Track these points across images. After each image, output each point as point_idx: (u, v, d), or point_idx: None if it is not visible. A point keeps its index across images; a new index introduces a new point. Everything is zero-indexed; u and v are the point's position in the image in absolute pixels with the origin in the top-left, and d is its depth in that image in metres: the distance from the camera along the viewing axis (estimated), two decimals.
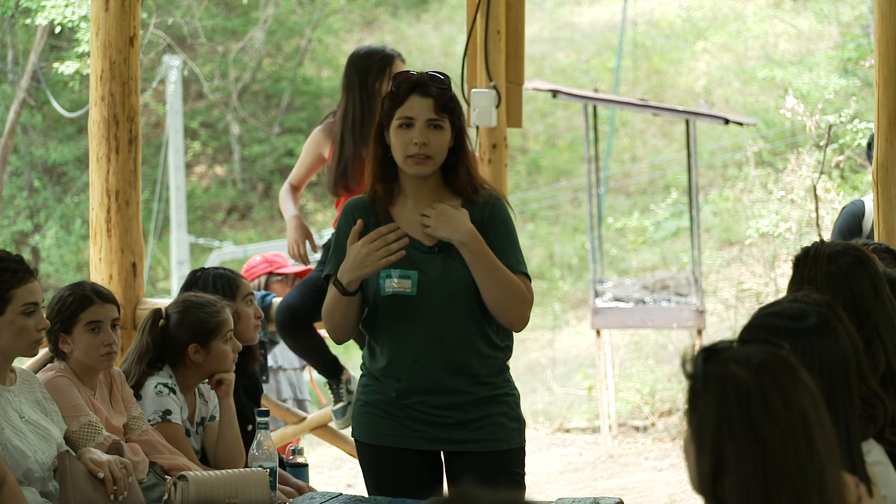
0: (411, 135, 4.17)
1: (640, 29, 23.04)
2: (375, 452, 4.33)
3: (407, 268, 4.19)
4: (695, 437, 2.36)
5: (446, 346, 4.20)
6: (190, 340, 4.58)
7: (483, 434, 4.25)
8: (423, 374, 4.22)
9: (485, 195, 4.28)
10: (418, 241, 4.22)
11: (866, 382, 2.98)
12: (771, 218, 12.50)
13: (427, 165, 4.19)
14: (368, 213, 4.26)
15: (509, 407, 4.31)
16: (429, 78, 4.22)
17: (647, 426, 12.95)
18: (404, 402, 4.25)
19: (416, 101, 4.18)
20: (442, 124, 4.19)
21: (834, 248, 3.55)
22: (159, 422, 4.52)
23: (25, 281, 4.14)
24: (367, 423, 4.32)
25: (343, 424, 6.29)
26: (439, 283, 4.20)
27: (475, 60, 6.05)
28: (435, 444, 4.27)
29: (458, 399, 4.23)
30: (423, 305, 4.19)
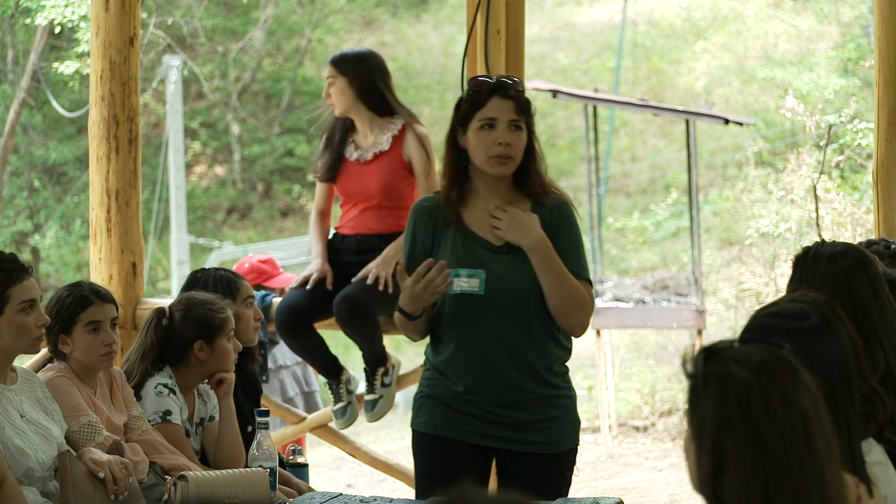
0: (494, 135, 4.27)
1: (640, 29, 23.03)
2: (431, 442, 4.38)
3: (475, 267, 4.29)
4: (695, 437, 2.37)
5: (511, 344, 4.28)
6: (196, 337, 4.58)
7: (541, 436, 4.33)
8: (488, 372, 4.30)
9: (554, 198, 4.37)
10: (487, 241, 4.32)
11: (866, 380, 2.98)
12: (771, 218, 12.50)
13: (509, 166, 4.29)
14: (438, 215, 4.37)
15: (567, 409, 4.40)
16: (508, 81, 4.33)
17: (647, 426, 12.95)
18: (469, 398, 4.31)
19: (497, 103, 4.29)
20: (521, 125, 4.30)
21: (833, 249, 3.55)
22: (159, 422, 4.52)
23: (21, 279, 4.15)
24: (428, 413, 4.40)
25: (343, 424, 6.29)
26: (507, 282, 4.29)
27: (475, 60, 6.05)
28: (492, 441, 4.33)
29: (521, 398, 4.30)
30: (490, 304, 4.28)
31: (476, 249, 4.30)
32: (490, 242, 4.32)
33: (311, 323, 5.97)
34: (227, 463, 4.62)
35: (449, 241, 4.34)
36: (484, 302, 4.28)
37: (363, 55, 6.02)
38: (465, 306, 4.29)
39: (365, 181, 5.92)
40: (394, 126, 5.93)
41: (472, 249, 4.31)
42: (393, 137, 5.92)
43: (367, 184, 5.91)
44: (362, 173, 5.94)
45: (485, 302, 4.28)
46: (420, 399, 4.44)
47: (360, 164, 5.94)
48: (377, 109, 5.93)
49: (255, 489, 4.16)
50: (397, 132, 5.92)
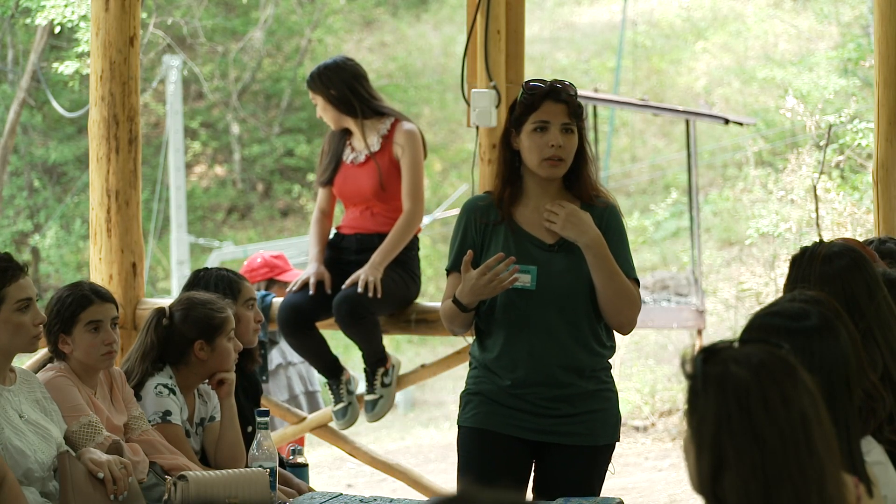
0: (547, 138, 4.38)
1: (640, 29, 23.04)
2: (478, 436, 4.44)
3: (527, 263, 4.37)
4: (695, 437, 2.36)
5: (560, 340, 4.37)
6: (196, 337, 4.58)
7: (583, 428, 4.43)
8: (537, 367, 4.38)
9: (602, 201, 4.47)
10: (539, 239, 4.42)
11: (867, 376, 2.98)
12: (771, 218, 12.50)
13: (560, 168, 4.40)
14: (490, 213, 4.46)
15: (611, 404, 4.51)
16: (561, 85, 4.42)
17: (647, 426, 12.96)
18: (516, 392, 4.39)
19: (550, 107, 4.39)
20: (573, 129, 4.40)
21: (830, 250, 3.55)
22: (159, 422, 4.51)
23: (16, 278, 4.14)
24: (475, 409, 4.46)
25: (344, 425, 6.29)
26: (558, 279, 4.38)
27: (475, 60, 6.05)
28: (536, 435, 4.41)
29: (567, 392, 4.39)
30: (540, 300, 4.37)
31: (528, 246, 4.40)
32: (542, 240, 4.42)
33: (313, 322, 5.97)
34: (228, 463, 4.62)
35: (500, 239, 4.43)
36: (535, 297, 4.37)
37: (332, 67, 6.08)
38: (515, 300, 4.38)
39: (359, 182, 5.98)
40: (383, 126, 5.98)
41: (524, 246, 4.41)
42: (383, 137, 5.97)
43: (361, 185, 5.97)
44: (356, 175, 6.00)
45: (536, 297, 4.37)
46: (467, 396, 4.51)
47: (354, 167, 5.99)
48: (363, 114, 5.98)
49: (255, 489, 4.17)
50: (387, 132, 5.97)
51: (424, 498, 6.27)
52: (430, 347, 18.98)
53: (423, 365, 6.66)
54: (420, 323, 6.16)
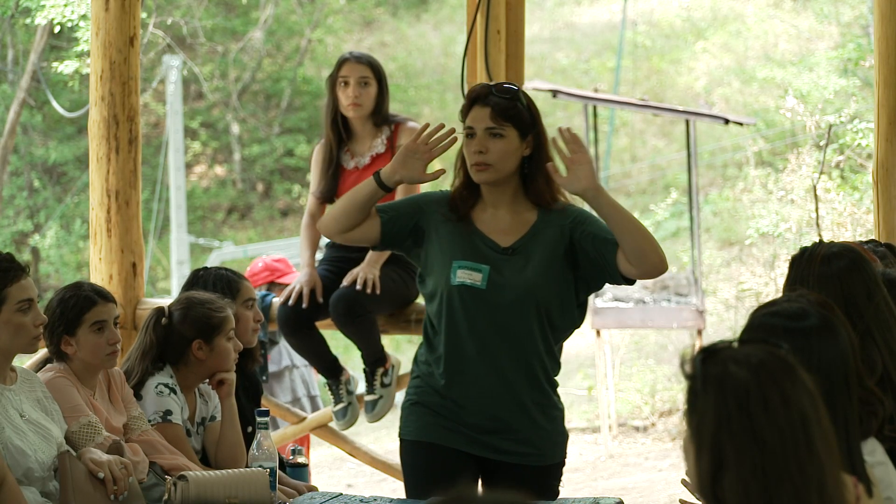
0: (472, 144, 4.31)
1: (640, 29, 23.03)
2: (422, 449, 4.37)
3: (479, 262, 4.29)
4: (694, 438, 2.36)
5: (509, 341, 4.28)
6: (194, 337, 4.58)
7: (531, 447, 4.34)
8: (485, 367, 4.29)
9: (563, 204, 4.37)
10: (494, 241, 4.33)
11: (862, 383, 2.98)
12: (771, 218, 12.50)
13: (488, 173, 4.31)
14: (446, 209, 4.39)
15: (558, 422, 4.41)
16: (490, 88, 4.35)
17: (647, 426, 12.96)
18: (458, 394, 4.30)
19: (475, 112, 4.33)
20: (502, 132, 4.30)
21: (829, 250, 3.54)
22: (160, 422, 4.51)
23: (18, 278, 4.14)
24: (416, 421, 4.39)
25: (344, 425, 6.29)
26: (509, 282, 4.29)
27: (475, 60, 6.05)
28: (480, 450, 4.32)
29: (513, 398, 4.29)
30: (490, 300, 4.28)
31: (481, 247, 4.32)
32: (496, 243, 4.33)
33: (313, 321, 5.97)
34: (229, 463, 4.63)
35: (455, 234, 4.35)
36: (484, 296, 4.28)
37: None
38: (465, 297, 4.29)
39: None
40: (387, 129, 5.96)
41: (477, 246, 4.33)
42: (387, 139, 5.95)
43: None
44: (361, 178, 5.95)
45: (485, 297, 4.27)
46: (409, 407, 4.42)
47: (359, 170, 5.96)
48: (381, 119, 5.95)
49: (255, 489, 4.16)
50: (391, 134, 5.95)
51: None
52: None
53: None
54: (420, 323, 6.15)
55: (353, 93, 5.89)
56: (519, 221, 4.35)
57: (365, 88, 5.90)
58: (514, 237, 4.34)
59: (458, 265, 4.30)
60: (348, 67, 5.93)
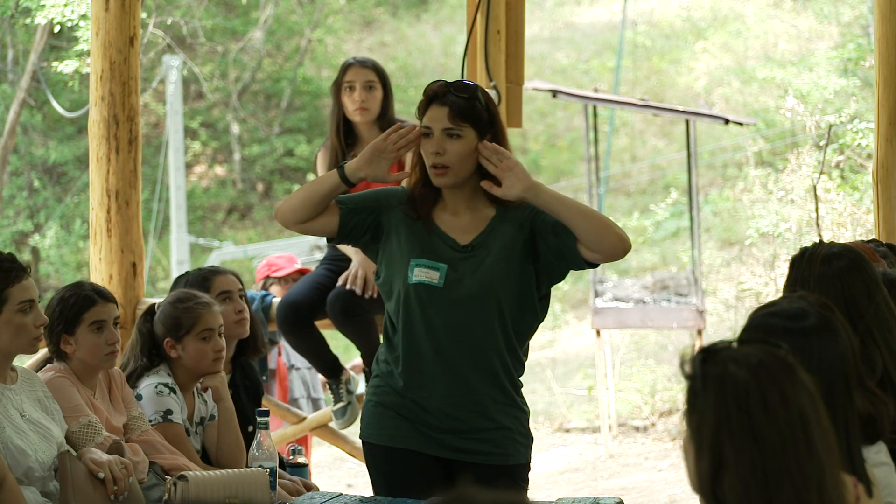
0: (428, 145, 4.21)
1: (640, 29, 23.03)
2: (384, 453, 4.31)
3: (437, 261, 4.23)
4: (694, 438, 2.36)
5: (468, 340, 4.21)
6: (164, 335, 4.62)
7: (493, 447, 4.26)
8: (443, 366, 4.23)
9: (518, 203, 4.26)
10: (453, 239, 4.25)
11: (868, 387, 2.99)
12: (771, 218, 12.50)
13: (447, 176, 4.21)
14: (405, 206, 4.30)
15: (521, 423, 4.32)
16: (447, 87, 4.23)
17: (647, 426, 12.96)
18: (416, 396, 4.25)
19: (433, 111, 4.22)
20: (460, 133, 4.19)
21: (830, 250, 3.54)
22: (161, 422, 4.52)
23: (19, 279, 4.15)
24: (378, 423, 4.32)
25: (343, 424, 6.29)
26: (467, 279, 4.22)
27: (475, 60, 6.05)
28: (443, 451, 4.26)
29: (472, 398, 4.24)
30: (448, 299, 4.21)
31: (439, 245, 4.25)
32: (455, 241, 4.25)
33: (312, 320, 5.97)
34: (229, 463, 4.63)
35: (413, 231, 4.27)
36: (442, 294, 4.21)
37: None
38: (422, 295, 4.21)
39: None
40: None
41: (436, 244, 4.25)
42: None
43: None
44: (368, 185, 5.94)
45: (442, 295, 4.21)
46: (370, 408, 4.36)
47: None
48: (387, 122, 5.94)
49: (255, 489, 4.16)
50: None
51: None
52: None
53: None
54: None
55: (359, 97, 5.88)
56: (478, 219, 4.27)
57: (371, 92, 5.89)
58: (472, 234, 4.26)
59: (415, 263, 4.23)
60: (353, 72, 5.92)
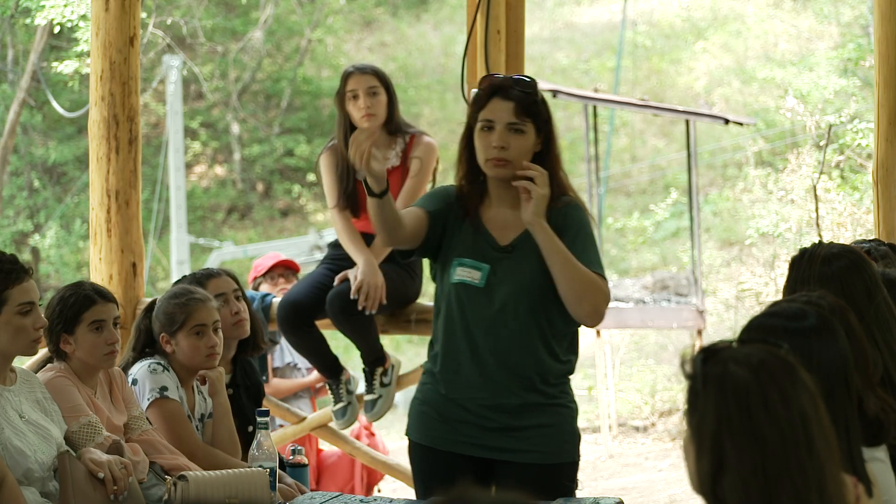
0: (491, 138, 4.20)
1: (640, 29, 23.04)
2: (423, 452, 4.35)
3: (480, 261, 4.24)
4: (694, 438, 2.36)
5: (504, 341, 4.21)
6: (160, 331, 4.64)
7: (531, 445, 4.24)
8: (480, 367, 4.23)
9: (564, 201, 4.28)
10: (494, 239, 4.27)
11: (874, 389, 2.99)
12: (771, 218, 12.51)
13: (506, 169, 4.22)
14: (456, 205, 4.32)
15: (563, 418, 4.28)
16: (512, 81, 4.23)
17: (647, 426, 12.96)
18: (454, 396, 4.25)
19: (496, 104, 4.21)
20: (523, 128, 4.21)
21: (829, 251, 3.54)
22: (157, 398, 4.53)
23: (20, 280, 4.14)
24: (419, 422, 4.35)
25: (343, 425, 6.29)
26: (506, 279, 4.23)
27: (475, 60, 6.05)
28: (483, 451, 4.25)
29: (510, 401, 4.23)
30: (486, 298, 4.22)
31: (484, 246, 4.27)
32: (496, 241, 4.28)
33: (312, 319, 5.96)
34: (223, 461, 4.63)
35: (463, 232, 4.30)
36: (481, 295, 4.23)
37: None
38: (462, 296, 4.25)
39: None
40: (402, 141, 5.94)
41: (481, 245, 4.28)
42: (402, 151, 5.94)
43: None
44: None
45: (482, 295, 4.23)
46: (415, 406, 4.40)
47: None
48: (395, 127, 5.94)
49: (255, 489, 4.16)
50: (405, 146, 5.94)
51: None
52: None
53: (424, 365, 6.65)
54: (420, 323, 6.15)
55: (364, 104, 5.87)
56: (520, 217, 4.27)
57: (375, 98, 5.89)
58: (514, 233, 4.28)
59: (458, 263, 4.26)
60: (355, 80, 5.91)
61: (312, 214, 22.88)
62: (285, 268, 7.24)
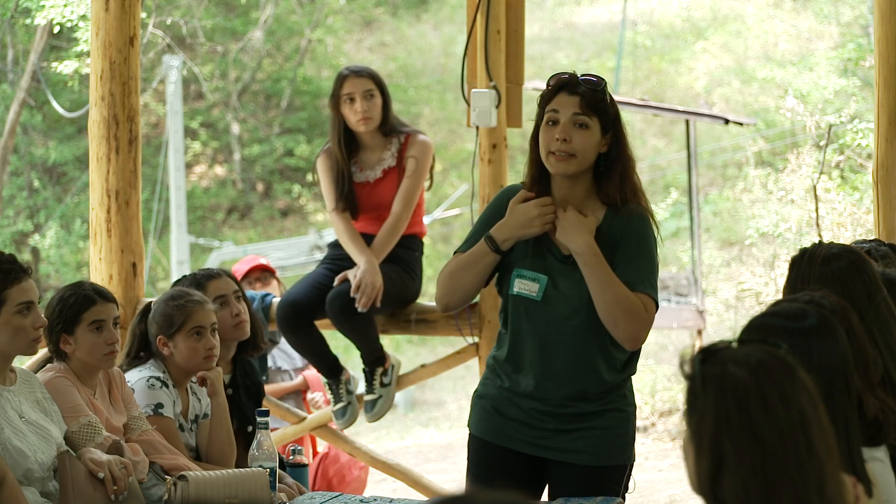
0: (555, 131, 4.12)
1: (640, 29, 23.04)
2: (477, 443, 4.32)
3: (540, 271, 4.18)
4: (694, 438, 2.36)
5: (562, 356, 4.16)
6: (157, 333, 4.63)
7: (582, 446, 4.21)
8: (537, 373, 4.18)
9: (630, 208, 4.21)
10: (557, 248, 4.20)
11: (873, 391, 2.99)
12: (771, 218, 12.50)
13: (569, 164, 4.13)
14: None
15: (616, 422, 4.23)
16: (579, 78, 4.18)
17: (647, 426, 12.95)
18: (514, 399, 4.22)
19: (563, 98, 4.14)
20: (588, 123, 4.13)
21: (829, 251, 3.54)
22: (151, 415, 4.52)
23: (19, 280, 4.14)
24: (476, 414, 4.32)
25: (343, 425, 6.29)
26: (563, 292, 4.16)
27: (475, 60, 6.05)
28: (535, 450, 4.23)
29: (563, 411, 4.19)
30: (543, 312, 4.16)
31: (545, 255, 4.19)
32: (558, 250, 4.19)
33: (312, 319, 5.96)
34: (219, 460, 4.63)
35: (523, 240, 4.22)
36: (538, 308, 4.17)
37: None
38: (520, 309, 4.19)
39: (380, 197, 5.95)
40: (397, 141, 5.96)
41: (542, 253, 4.20)
42: (397, 151, 5.94)
43: (383, 199, 5.94)
44: (375, 191, 5.97)
45: (539, 308, 4.17)
46: (476, 398, 4.37)
47: (371, 184, 5.97)
48: (389, 128, 5.95)
49: (255, 489, 4.16)
50: (400, 146, 5.95)
51: (424, 498, 6.27)
52: (430, 347, 18.98)
53: (423, 365, 6.66)
54: (420, 323, 6.16)
55: (360, 108, 5.88)
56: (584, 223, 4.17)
57: (371, 101, 5.90)
58: None
59: (517, 274, 4.19)
60: (350, 84, 5.91)
61: (312, 214, 22.88)
62: (262, 271, 7.21)
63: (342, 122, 5.94)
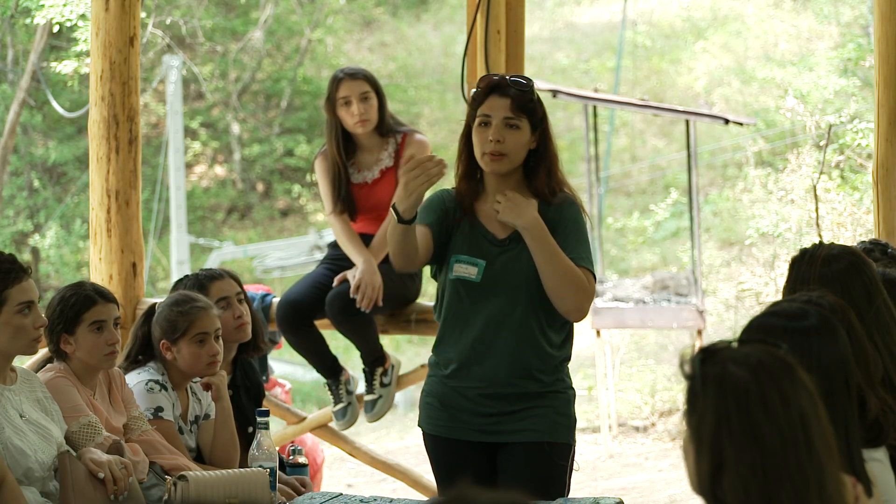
0: (488, 133, 4.37)
1: (640, 29, 23.03)
2: (432, 441, 4.51)
3: (477, 257, 4.40)
4: (694, 438, 2.36)
5: (502, 334, 4.37)
6: (160, 337, 4.62)
7: (525, 425, 4.39)
8: (479, 357, 4.40)
9: (560, 197, 4.46)
10: (492, 233, 4.44)
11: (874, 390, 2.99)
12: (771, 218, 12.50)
13: (502, 163, 4.40)
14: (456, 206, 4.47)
15: (558, 402, 4.43)
16: (509, 80, 4.42)
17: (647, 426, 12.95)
18: (456, 384, 4.41)
19: (494, 101, 4.40)
20: (519, 124, 4.39)
21: (830, 252, 3.54)
22: (150, 418, 4.52)
23: (19, 280, 4.14)
24: (425, 413, 4.52)
25: (344, 425, 6.29)
26: (502, 272, 4.39)
27: (475, 60, 6.05)
28: (482, 436, 4.41)
29: (508, 391, 4.38)
30: (483, 292, 4.38)
31: (481, 241, 4.42)
32: (494, 236, 4.43)
33: (312, 319, 5.96)
34: (222, 462, 4.63)
35: (461, 229, 4.45)
36: (478, 290, 4.39)
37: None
38: (460, 291, 4.41)
39: (378, 197, 5.95)
40: (394, 141, 5.96)
41: (478, 240, 4.43)
42: (394, 151, 5.95)
43: (382, 199, 5.94)
44: (374, 191, 5.97)
45: (479, 290, 4.39)
46: (423, 398, 4.56)
47: (368, 185, 5.97)
48: (386, 129, 5.95)
49: (255, 489, 4.17)
50: (397, 146, 5.95)
51: (424, 498, 6.27)
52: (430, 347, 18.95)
53: (424, 365, 6.66)
54: (420, 323, 6.16)
55: (357, 110, 5.88)
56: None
57: (367, 103, 5.90)
58: (511, 229, 4.42)
59: (455, 259, 4.42)
60: (346, 86, 5.91)
61: (312, 214, 22.87)
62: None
63: (339, 125, 5.94)
